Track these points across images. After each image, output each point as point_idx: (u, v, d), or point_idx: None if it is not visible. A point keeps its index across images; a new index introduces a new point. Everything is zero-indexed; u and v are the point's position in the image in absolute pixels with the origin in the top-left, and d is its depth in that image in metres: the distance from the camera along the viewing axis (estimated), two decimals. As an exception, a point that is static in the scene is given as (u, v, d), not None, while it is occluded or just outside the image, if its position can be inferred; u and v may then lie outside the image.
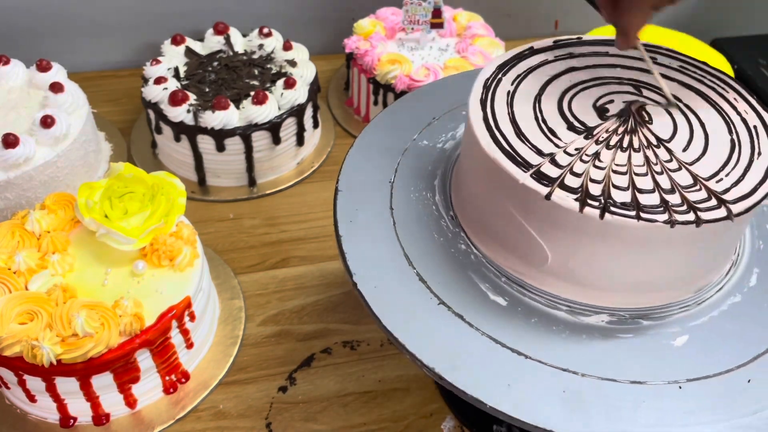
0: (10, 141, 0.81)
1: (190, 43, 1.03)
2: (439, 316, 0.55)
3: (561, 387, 0.51)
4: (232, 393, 0.76)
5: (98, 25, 1.15)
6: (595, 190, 0.52)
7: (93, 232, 0.72)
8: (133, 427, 0.71)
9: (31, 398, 0.69)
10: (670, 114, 0.59)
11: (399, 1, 1.08)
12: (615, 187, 0.52)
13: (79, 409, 0.70)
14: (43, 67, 0.93)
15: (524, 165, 0.53)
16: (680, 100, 0.60)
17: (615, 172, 0.53)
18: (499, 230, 0.58)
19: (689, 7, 1.33)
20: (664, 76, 0.62)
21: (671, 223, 0.50)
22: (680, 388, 0.52)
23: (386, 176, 0.66)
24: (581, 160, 0.54)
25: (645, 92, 0.61)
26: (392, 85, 1.03)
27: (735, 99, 0.61)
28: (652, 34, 1.16)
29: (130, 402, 0.71)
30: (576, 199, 0.51)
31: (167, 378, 0.73)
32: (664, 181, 0.53)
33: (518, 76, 0.62)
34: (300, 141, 1.01)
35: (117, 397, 0.70)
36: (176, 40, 1.03)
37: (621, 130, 0.57)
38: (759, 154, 0.56)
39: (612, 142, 0.55)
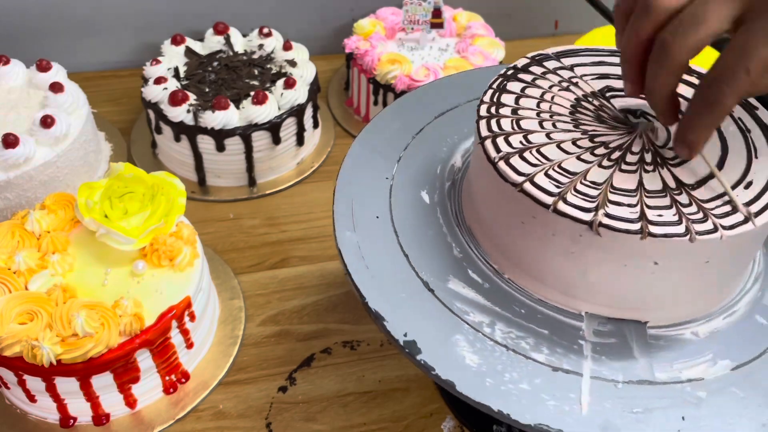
0: (10, 141, 0.81)
1: (190, 43, 1.04)
2: (439, 316, 0.55)
3: (564, 388, 0.51)
4: (232, 393, 0.76)
5: (98, 25, 1.15)
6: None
7: (93, 232, 0.72)
8: (133, 427, 0.72)
9: (31, 398, 0.69)
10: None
11: (399, 1, 1.09)
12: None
13: (79, 409, 0.70)
14: (43, 67, 0.93)
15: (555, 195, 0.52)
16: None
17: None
18: (515, 247, 0.57)
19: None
20: None
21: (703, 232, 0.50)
22: (692, 392, 0.51)
23: (386, 176, 0.66)
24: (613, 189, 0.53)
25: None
26: (392, 85, 1.03)
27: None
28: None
29: (130, 402, 0.71)
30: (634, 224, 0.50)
31: (167, 378, 0.73)
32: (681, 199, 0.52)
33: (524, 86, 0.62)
34: (300, 141, 1.01)
35: (117, 397, 0.70)
36: (176, 40, 1.03)
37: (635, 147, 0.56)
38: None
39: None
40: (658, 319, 0.55)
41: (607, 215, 0.50)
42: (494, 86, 0.61)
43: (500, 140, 0.55)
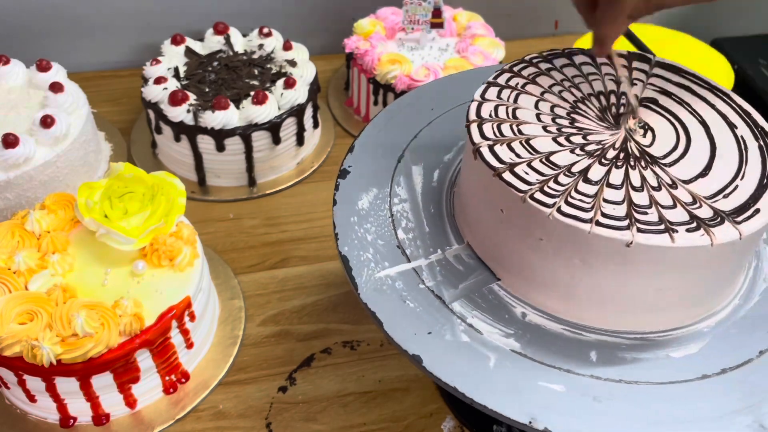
0: (10, 141, 0.81)
1: (190, 43, 1.03)
2: (378, 177, 0.58)
3: (563, 389, 0.51)
4: (232, 393, 0.76)
5: (98, 25, 1.15)
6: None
7: (93, 232, 0.72)
8: (133, 427, 0.72)
9: (31, 398, 0.69)
10: (676, 130, 0.58)
11: (399, 1, 1.09)
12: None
13: (79, 409, 0.70)
14: (43, 67, 0.93)
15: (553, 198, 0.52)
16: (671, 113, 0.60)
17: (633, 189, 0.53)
18: (503, 248, 0.58)
19: (689, 7, 1.33)
20: (659, 89, 0.63)
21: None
22: (460, 333, 0.53)
23: (386, 176, 0.66)
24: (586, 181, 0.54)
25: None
26: (392, 85, 1.03)
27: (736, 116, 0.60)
28: (653, 34, 1.16)
29: (130, 402, 0.71)
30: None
31: (167, 378, 0.73)
32: (664, 198, 0.52)
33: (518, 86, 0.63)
34: (300, 141, 1.01)
35: (117, 397, 0.70)
36: (176, 40, 1.03)
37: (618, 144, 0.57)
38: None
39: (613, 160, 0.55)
40: (510, 284, 0.58)
41: (491, 149, 0.55)
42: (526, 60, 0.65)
43: (492, 91, 0.61)
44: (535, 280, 0.56)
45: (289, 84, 0.96)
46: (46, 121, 0.84)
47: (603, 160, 0.55)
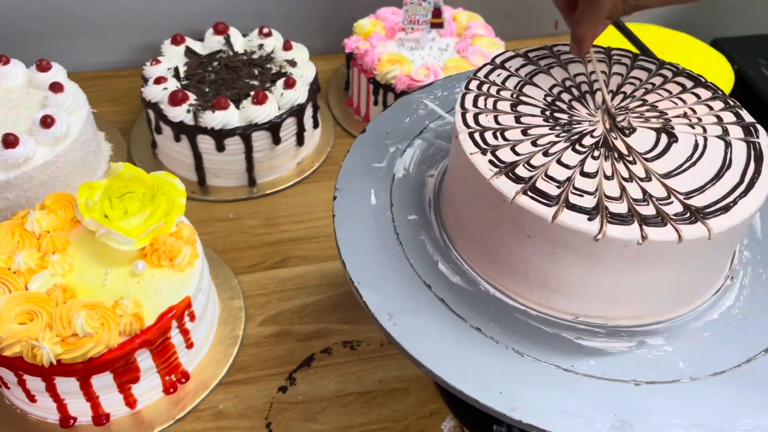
0: (10, 141, 0.81)
1: (190, 43, 1.04)
2: (438, 316, 0.55)
3: (561, 387, 0.51)
4: (232, 393, 0.76)
5: (98, 25, 1.15)
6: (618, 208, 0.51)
7: (93, 232, 0.72)
8: (133, 427, 0.72)
9: (31, 398, 0.69)
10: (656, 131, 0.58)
11: (399, 1, 1.09)
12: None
13: (79, 409, 0.70)
14: (43, 67, 0.93)
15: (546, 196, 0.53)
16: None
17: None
18: (489, 247, 0.58)
19: (689, 7, 1.33)
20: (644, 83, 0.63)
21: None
22: (681, 389, 0.52)
23: (386, 176, 0.66)
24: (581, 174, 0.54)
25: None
26: (392, 85, 1.03)
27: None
28: (653, 34, 1.16)
29: (130, 402, 0.71)
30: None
31: (167, 378, 0.73)
32: (658, 192, 0.52)
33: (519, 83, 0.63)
34: (300, 141, 1.01)
35: (117, 397, 0.70)
36: (176, 40, 1.03)
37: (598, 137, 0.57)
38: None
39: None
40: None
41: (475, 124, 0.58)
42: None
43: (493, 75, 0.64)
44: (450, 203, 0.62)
45: (289, 84, 0.96)
46: (46, 121, 0.84)
47: (573, 148, 0.56)
